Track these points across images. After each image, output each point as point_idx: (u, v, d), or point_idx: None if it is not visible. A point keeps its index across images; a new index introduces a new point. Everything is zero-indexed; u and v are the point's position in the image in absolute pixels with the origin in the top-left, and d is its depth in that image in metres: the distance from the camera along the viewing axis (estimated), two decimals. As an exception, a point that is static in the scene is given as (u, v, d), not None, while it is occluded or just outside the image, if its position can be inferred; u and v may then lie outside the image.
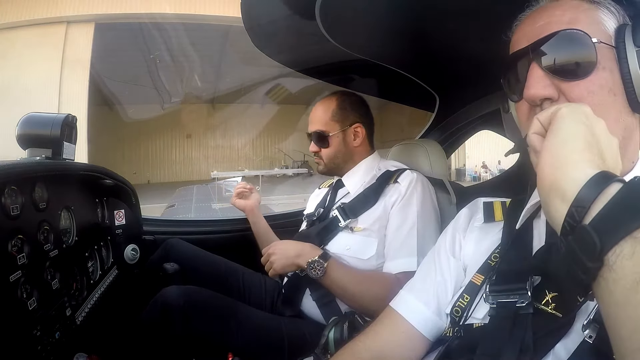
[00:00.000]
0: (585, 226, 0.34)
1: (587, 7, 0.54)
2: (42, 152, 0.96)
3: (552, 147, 0.40)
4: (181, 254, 1.35)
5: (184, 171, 18.12)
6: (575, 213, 0.35)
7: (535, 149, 0.44)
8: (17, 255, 0.74)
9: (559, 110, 0.42)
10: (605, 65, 0.51)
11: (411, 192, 1.14)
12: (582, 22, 0.52)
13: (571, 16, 0.53)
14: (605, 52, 0.51)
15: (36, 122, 0.98)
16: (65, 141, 1.01)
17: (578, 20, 0.52)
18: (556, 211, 0.37)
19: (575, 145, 0.39)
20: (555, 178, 0.38)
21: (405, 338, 0.66)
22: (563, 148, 0.39)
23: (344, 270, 1.07)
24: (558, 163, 0.38)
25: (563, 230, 0.36)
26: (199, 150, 18.26)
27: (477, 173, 14.84)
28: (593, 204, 0.34)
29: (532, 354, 0.48)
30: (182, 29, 10.15)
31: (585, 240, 0.33)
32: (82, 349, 0.87)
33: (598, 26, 0.52)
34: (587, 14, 0.53)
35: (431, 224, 1.14)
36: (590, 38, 0.50)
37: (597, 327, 0.44)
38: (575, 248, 0.34)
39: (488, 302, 0.56)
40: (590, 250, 0.33)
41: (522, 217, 0.61)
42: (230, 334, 1.01)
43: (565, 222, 0.36)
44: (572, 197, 0.36)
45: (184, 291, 1.02)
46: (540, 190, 0.40)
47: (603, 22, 0.53)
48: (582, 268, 0.34)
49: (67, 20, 9.90)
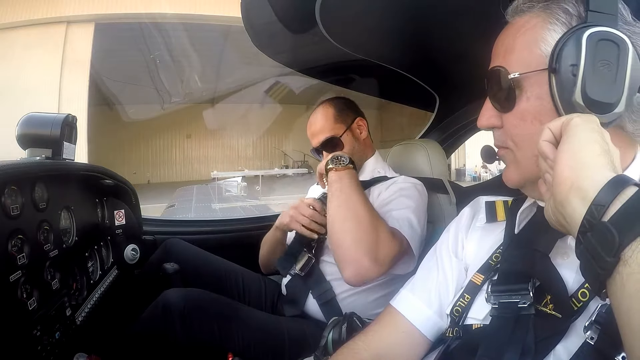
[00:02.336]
0: (605, 223, 0.36)
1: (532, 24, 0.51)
2: (42, 152, 0.96)
3: (571, 151, 0.41)
4: (181, 254, 1.35)
5: (184, 171, 18.12)
6: (595, 211, 0.37)
7: (545, 155, 0.44)
8: (17, 255, 0.74)
9: (572, 120, 0.43)
10: (532, 93, 0.51)
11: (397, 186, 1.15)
12: (516, 50, 0.52)
13: (508, 45, 0.54)
14: (537, 79, 0.49)
15: (36, 122, 0.98)
16: (65, 141, 1.01)
17: (513, 49, 0.53)
18: (574, 211, 0.39)
19: (593, 149, 0.40)
20: (577, 179, 0.39)
21: (406, 337, 0.65)
22: (582, 152, 0.40)
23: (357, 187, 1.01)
24: (579, 165, 0.40)
25: (582, 227, 0.38)
26: (199, 150, 18.26)
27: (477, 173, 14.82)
28: (612, 204, 0.36)
29: (533, 355, 0.48)
30: (182, 29, 10.15)
31: (605, 236, 0.35)
32: (82, 349, 0.87)
33: (532, 50, 0.50)
34: (526, 37, 0.51)
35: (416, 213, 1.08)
36: (508, 74, 0.51)
37: (598, 329, 0.44)
38: (595, 244, 0.36)
39: (490, 303, 0.56)
40: (610, 245, 0.35)
41: (520, 220, 0.62)
42: (231, 336, 1.01)
43: (584, 220, 0.38)
44: (593, 197, 0.37)
45: (185, 294, 1.02)
46: (559, 190, 0.41)
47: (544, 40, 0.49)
48: (601, 263, 0.36)
49: (67, 20, 9.88)
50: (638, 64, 0.43)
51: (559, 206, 0.41)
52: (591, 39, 0.43)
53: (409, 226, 1.03)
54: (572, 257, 0.52)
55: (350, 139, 1.27)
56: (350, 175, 1.03)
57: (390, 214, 1.05)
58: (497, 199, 0.71)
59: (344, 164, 1.05)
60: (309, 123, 1.32)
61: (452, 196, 1.31)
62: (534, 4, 0.52)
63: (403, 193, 1.11)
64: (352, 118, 1.29)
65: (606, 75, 0.43)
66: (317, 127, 1.28)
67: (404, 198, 1.10)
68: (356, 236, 0.92)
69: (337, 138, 1.25)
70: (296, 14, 1.03)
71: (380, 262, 0.91)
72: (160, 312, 0.98)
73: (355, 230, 0.92)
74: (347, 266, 0.92)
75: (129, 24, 10.03)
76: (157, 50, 10.75)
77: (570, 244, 0.53)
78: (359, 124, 1.29)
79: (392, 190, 1.13)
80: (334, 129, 1.26)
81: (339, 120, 1.27)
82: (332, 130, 1.26)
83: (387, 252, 0.93)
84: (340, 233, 0.95)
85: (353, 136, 1.28)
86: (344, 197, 0.99)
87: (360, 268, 0.90)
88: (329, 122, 1.26)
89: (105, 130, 12.55)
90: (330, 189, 1.03)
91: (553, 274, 0.51)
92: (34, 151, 0.96)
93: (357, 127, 1.29)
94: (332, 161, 1.06)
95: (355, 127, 1.29)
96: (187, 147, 18.34)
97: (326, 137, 1.25)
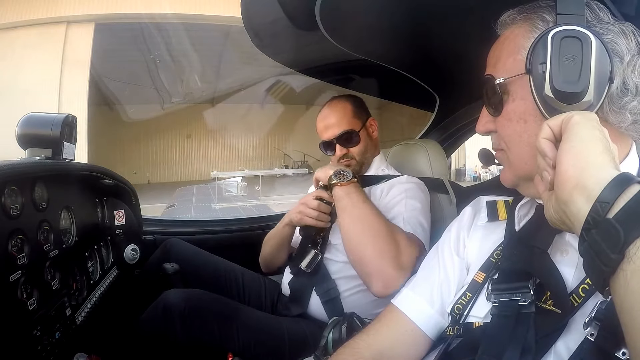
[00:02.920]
0: (610, 219, 0.36)
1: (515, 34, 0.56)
2: (42, 152, 0.96)
3: (573, 149, 0.42)
4: (181, 254, 1.35)
5: (184, 171, 18.11)
6: (599, 208, 0.37)
7: (544, 153, 0.45)
8: (17, 255, 0.75)
9: (572, 117, 0.43)
10: (517, 95, 0.55)
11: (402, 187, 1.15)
12: (502, 59, 0.57)
13: (496, 56, 0.59)
14: (520, 82, 0.53)
15: (36, 122, 0.98)
16: (65, 141, 1.01)
17: (499, 58, 0.58)
18: (578, 209, 0.40)
19: (596, 147, 0.41)
20: (581, 178, 0.40)
21: (408, 336, 0.66)
22: (585, 150, 0.41)
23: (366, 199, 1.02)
24: (582, 164, 0.40)
25: (586, 225, 0.38)
26: (199, 150, 18.26)
27: (477, 173, 14.81)
28: (617, 201, 0.37)
29: (534, 353, 0.48)
30: (182, 29, 10.15)
31: (610, 233, 0.36)
32: (82, 349, 0.87)
33: (515, 57, 0.55)
34: (510, 46, 0.56)
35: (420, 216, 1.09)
36: (494, 80, 0.56)
37: (598, 325, 0.44)
38: (599, 241, 0.36)
39: (490, 301, 0.56)
40: (614, 242, 0.35)
41: (521, 218, 0.62)
42: (231, 336, 1.01)
43: (589, 217, 0.38)
44: (597, 195, 0.38)
45: (185, 294, 1.02)
46: (562, 189, 0.41)
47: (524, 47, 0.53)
48: (605, 260, 0.36)
49: (67, 20, 9.89)
50: (605, 56, 0.46)
51: (562, 205, 0.41)
52: (556, 38, 0.46)
53: (422, 228, 1.04)
54: (571, 253, 0.52)
55: (366, 136, 1.29)
56: (356, 189, 1.04)
57: (401, 217, 1.05)
58: (498, 198, 0.71)
59: (348, 178, 1.05)
60: (322, 116, 1.30)
61: (452, 196, 1.31)
62: (516, 16, 0.57)
63: (409, 194, 1.11)
64: (366, 117, 1.31)
65: (572, 68, 0.46)
66: (333, 120, 1.26)
67: (411, 200, 1.10)
68: (376, 247, 0.92)
69: (356, 132, 1.25)
70: (296, 14, 1.03)
71: (405, 269, 0.91)
72: (161, 312, 0.98)
73: (374, 242, 0.93)
74: (373, 279, 0.92)
75: (129, 24, 10.03)
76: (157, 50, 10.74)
77: (568, 240, 0.53)
78: (371, 123, 1.32)
79: (397, 191, 1.13)
80: (352, 124, 1.25)
81: (357, 117, 1.28)
82: (350, 124, 1.25)
83: (409, 258, 0.93)
84: (360, 247, 0.95)
85: (367, 134, 1.30)
86: (357, 212, 0.99)
87: (387, 278, 0.90)
88: (347, 116, 1.26)
89: (105, 130, 12.54)
90: (339, 204, 1.03)
91: (552, 271, 0.51)
92: (34, 151, 0.96)
93: (370, 125, 1.31)
94: (335, 176, 1.05)
95: (369, 125, 1.31)
96: (187, 147, 18.33)
97: (344, 130, 1.25)
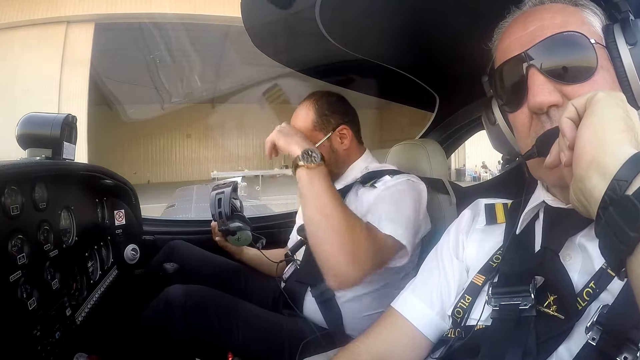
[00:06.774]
0: (629, 196, 0.35)
1: (572, 9, 0.55)
2: (42, 152, 0.96)
3: (593, 126, 0.40)
4: (184, 256, 1.35)
5: (184, 171, 18.09)
6: (617, 186, 0.36)
7: (564, 133, 0.43)
8: (17, 255, 0.75)
9: (596, 95, 0.42)
10: (603, 65, 0.51)
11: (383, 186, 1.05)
12: (574, 24, 0.52)
13: (562, 19, 0.53)
14: (602, 53, 0.52)
15: (36, 122, 0.98)
16: (65, 141, 1.01)
17: (569, 22, 0.53)
18: (593, 186, 0.38)
19: (616, 125, 0.40)
20: (597, 154, 0.39)
21: (408, 340, 0.65)
22: (604, 127, 0.40)
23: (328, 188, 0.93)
24: (600, 141, 0.39)
25: (602, 203, 0.37)
26: (199, 150, 18.25)
27: (477, 173, 14.81)
28: (635, 179, 0.36)
29: (535, 357, 0.48)
30: (182, 29, 10.14)
31: (629, 210, 0.34)
32: (82, 349, 0.87)
33: (589, 27, 0.53)
34: (576, 16, 0.54)
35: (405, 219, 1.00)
36: (588, 39, 0.51)
37: (600, 330, 0.44)
38: (617, 218, 0.35)
39: (491, 305, 0.56)
40: (633, 219, 0.34)
41: (522, 221, 0.61)
42: (231, 333, 1.01)
43: (605, 195, 0.37)
44: (613, 172, 0.37)
45: (186, 290, 1.03)
46: (578, 165, 0.40)
47: (591, 23, 0.54)
48: (623, 238, 0.34)
49: (67, 21, 9.87)
50: None
51: (579, 182, 0.40)
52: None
53: (403, 227, 0.96)
54: (575, 257, 0.52)
55: (327, 151, 1.14)
56: (320, 174, 0.94)
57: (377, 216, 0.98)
58: (496, 201, 0.71)
59: (316, 161, 0.95)
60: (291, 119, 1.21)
61: (452, 196, 1.31)
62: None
63: (388, 192, 1.04)
64: (333, 125, 1.16)
65: None
66: None
67: (388, 195, 1.02)
68: (333, 242, 0.88)
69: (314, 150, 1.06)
70: (296, 14, 1.03)
71: (359, 265, 0.87)
72: (163, 307, 0.99)
73: (332, 236, 0.88)
74: (326, 273, 0.90)
75: (129, 24, 10.02)
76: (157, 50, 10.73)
77: (578, 243, 0.52)
78: (341, 133, 1.17)
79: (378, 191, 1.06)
80: (310, 137, 1.08)
81: (318, 128, 1.15)
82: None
83: (365, 254, 0.88)
84: (317, 239, 0.91)
85: (331, 147, 1.16)
86: (317, 202, 0.92)
87: (342, 275, 0.87)
88: (307, 127, 1.15)
89: (105, 130, 12.54)
90: (301, 189, 0.96)
91: (562, 273, 0.51)
92: (34, 151, 0.96)
93: (337, 136, 1.17)
94: (302, 157, 0.95)
95: (336, 136, 1.16)
96: (187, 147, 18.32)
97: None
